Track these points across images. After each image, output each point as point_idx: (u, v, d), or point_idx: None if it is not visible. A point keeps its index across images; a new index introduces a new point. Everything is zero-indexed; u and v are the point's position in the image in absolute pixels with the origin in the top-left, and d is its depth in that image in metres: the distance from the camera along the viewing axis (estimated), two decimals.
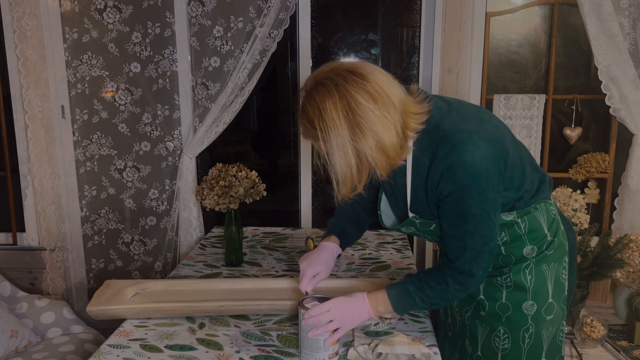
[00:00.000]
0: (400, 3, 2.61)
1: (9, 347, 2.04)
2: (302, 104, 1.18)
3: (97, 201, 2.62)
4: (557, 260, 1.35)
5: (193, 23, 2.42)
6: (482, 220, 1.19)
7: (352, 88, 1.12)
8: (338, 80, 1.13)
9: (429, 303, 1.28)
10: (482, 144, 1.16)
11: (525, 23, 2.48)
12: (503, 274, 1.33)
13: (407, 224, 1.34)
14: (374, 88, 1.13)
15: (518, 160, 1.25)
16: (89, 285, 2.69)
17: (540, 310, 1.32)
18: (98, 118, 2.54)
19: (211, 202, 1.89)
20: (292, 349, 1.33)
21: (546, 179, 1.36)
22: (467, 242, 1.21)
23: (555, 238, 1.34)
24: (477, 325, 1.38)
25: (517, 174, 1.25)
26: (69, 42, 2.46)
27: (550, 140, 2.49)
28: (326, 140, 1.14)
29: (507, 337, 1.34)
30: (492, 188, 1.18)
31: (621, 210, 2.37)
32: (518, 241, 1.31)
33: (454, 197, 1.18)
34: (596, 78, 2.27)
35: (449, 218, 1.23)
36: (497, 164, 1.18)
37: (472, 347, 1.41)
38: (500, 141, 1.21)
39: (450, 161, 1.16)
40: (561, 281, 1.35)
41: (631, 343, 2.00)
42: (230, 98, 2.40)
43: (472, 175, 1.15)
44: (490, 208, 1.19)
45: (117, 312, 1.47)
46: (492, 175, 1.17)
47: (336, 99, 1.12)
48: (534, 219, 1.30)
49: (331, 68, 1.17)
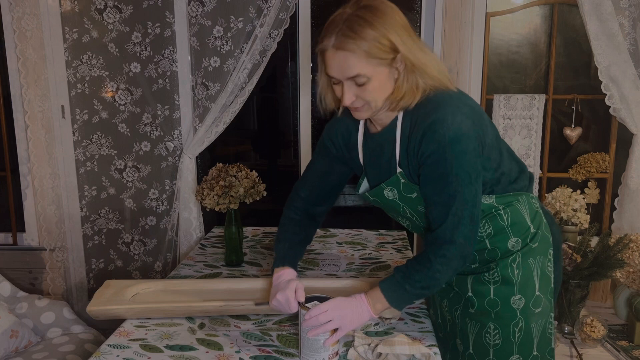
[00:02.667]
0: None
1: (9, 347, 2.04)
2: (353, 19, 1.16)
3: (97, 201, 2.62)
4: (542, 253, 1.37)
5: (193, 23, 2.42)
6: (463, 183, 1.20)
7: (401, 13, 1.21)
8: (386, 2, 1.21)
9: (419, 288, 1.26)
10: (463, 107, 1.20)
11: (525, 23, 2.48)
12: (490, 269, 1.35)
13: (392, 182, 1.33)
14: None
15: (495, 141, 1.29)
16: (89, 285, 2.69)
17: (529, 303, 1.34)
18: (98, 118, 2.54)
19: (211, 202, 1.89)
20: (292, 349, 1.33)
21: (525, 170, 1.39)
22: (449, 205, 1.21)
23: (539, 230, 1.37)
24: (467, 323, 1.40)
25: (495, 154, 1.28)
26: (69, 42, 2.46)
27: (550, 140, 2.49)
28: (400, 41, 1.17)
29: (497, 332, 1.35)
30: (473, 150, 1.20)
31: (621, 210, 2.37)
32: (502, 234, 1.34)
33: (435, 157, 1.20)
34: (596, 78, 2.27)
35: (431, 182, 1.24)
36: (476, 129, 1.21)
37: (464, 345, 1.42)
38: (480, 115, 1.25)
39: (432, 120, 1.19)
40: (547, 274, 1.37)
41: (631, 343, 2.00)
42: (230, 98, 2.40)
43: (453, 134, 1.17)
44: (471, 171, 1.21)
45: (117, 312, 1.47)
46: (472, 137, 1.20)
47: (398, 11, 1.20)
48: (516, 210, 1.33)
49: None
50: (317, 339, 1.24)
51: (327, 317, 1.23)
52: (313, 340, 1.24)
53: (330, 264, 1.92)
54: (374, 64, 1.16)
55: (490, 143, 1.26)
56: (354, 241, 2.21)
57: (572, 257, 1.97)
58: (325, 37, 1.19)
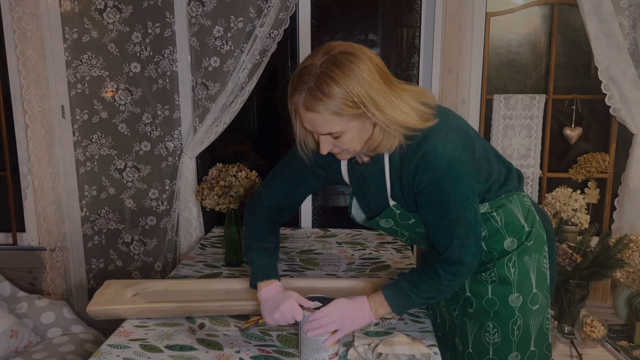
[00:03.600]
0: (400, 3, 2.61)
1: (9, 347, 2.04)
2: (320, 77, 1.12)
3: (97, 201, 2.62)
4: (537, 250, 1.38)
5: (193, 23, 2.42)
6: (463, 207, 1.22)
7: (373, 56, 1.16)
8: (356, 52, 1.14)
9: (425, 298, 1.29)
10: (451, 133, 1.20)
11: (525, 23, 2.48)
12: (487, 269, 1.36)
13: (386, 214, 1.35)
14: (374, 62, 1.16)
15: (483, 152, 1.30)
16: (89, 285, 2.68)
17: (526, 301, 1.35)
18: (98, 118, 2.54)
19: (211, 202, 1.89)
20: (292, 349, 1.33)
21: (512, 169, 1.40)
22: (454, 230, 1.23)
23: (533, 228, 1.38)
24: (466, 323, 1.41)
25: (484, 165, 1.29)
26: (69, 42, 2.46)
27: (550, 140, 2.49)
28: (369, 103, 1.12)
29: (496, 331, 1.36)
30: (468, 174, 1.21)
31: (621, 210, 2.37)
32: (497, 235, 1.35)
33: (432, 187, 1.21)
34: (596, 78, 2.27)
35: (431, 210, 1.25)
36: (466, 151, 1.22)
37: (463, 344, 1.42)
38: (465, 131, 1.25)
39: (423, 152, 1.19)
40: (543, 270, 1.38)
41: (631, 343, 2.00)
42: (230, 98, 2.40)
43: (447, 162, 1.18)
44: (469, 193, 1.22)
45: (117, 312, 1.47)
46: (465, 161, 1.21)
47: (363, 62, 1.13)
48: (509, 211, 1.35)
49: (338, 47, 1.16)
50: (317, 339, 1.24)
51: (329, 319, 1.24)
52: (313, 341, 1.24)
53: (330, 264, 1.93)
54: (344, 119, 1.15)
55: (478, 156, 1.27)
56: (354, 241, 2.21)
57: (572, 257, 1.97)
58: (295, 92, 1.16)
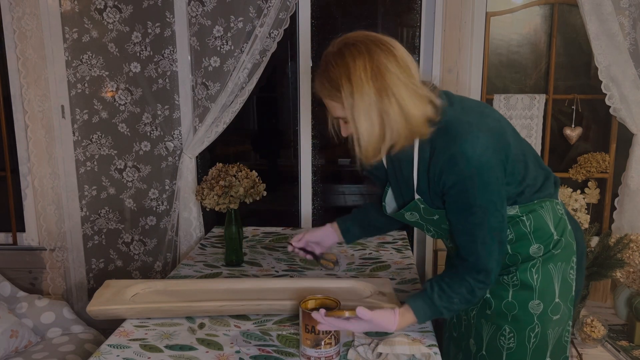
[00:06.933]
0: (400, 3, 2.61)
1: (9, 347, 2.04)
2: (327, 63, 1.17)
3: (97, 201, 2.62)
4: (565, 259, 1.34)
5: (193, 23, 2.42)
6: (488, 212, 1.19)
7: (383, 54, 1.14)
8: (369, 44, 1.15)
9: (453, 310, 1.28)
10: (482, 136, 1.17)
11: (526, 23, 2.48)
12: (510, 272, 1.33)
13: (411, 207, 1.33)
14: (402, 59, 1.16)
15: (520, 155, 1.26)
16: (89, 285, 2.69)
17: (547, 309, 1.31)
18: (98, 118, 2.54)
19: (211, 202, 1.89)
20: (292, 349, 1.33)
21: (551, 177, 1.36)
22: (476, 234, 1.21)
23: (562, 237, 1.34)
24: (482, 324, 1.37)
25: (519, 168, 1.26)
26: (69, 42, 2.46)
27: (550, 140, 2.49)
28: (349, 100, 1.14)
29: (512, 336, 1.33)
30: (496, 180, 1.19)
31: (621, 210, 2.37)
32: (524, 240, 1.31)
33: (457, 189, 1.19)
34: (596, 78, 2.27)
35: (455, 211, 1.24)
36: (498, 155, 1.19)
37: (477, 346, 1.40)
38: (501, 134, 1.22)
39: (451, 153, 1.17)
40: (569, 281, 1.34)
41: (631, 343, 2.00)
42: (230, 98, 2.40)
43: (474, 166, 1.16)
44: (496, 199, 1.20)
45: (117, 312, 1.47)
46: (494, 166, 1.18)
47: (366, 60, 1.13)
48: (539, 217, 1.31)
49: (362, 34, 1.18)
50: (317, 339, 1.24)
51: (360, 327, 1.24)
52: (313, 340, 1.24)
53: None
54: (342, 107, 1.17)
55: (514, 158, 1.23)
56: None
57: None
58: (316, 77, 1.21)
